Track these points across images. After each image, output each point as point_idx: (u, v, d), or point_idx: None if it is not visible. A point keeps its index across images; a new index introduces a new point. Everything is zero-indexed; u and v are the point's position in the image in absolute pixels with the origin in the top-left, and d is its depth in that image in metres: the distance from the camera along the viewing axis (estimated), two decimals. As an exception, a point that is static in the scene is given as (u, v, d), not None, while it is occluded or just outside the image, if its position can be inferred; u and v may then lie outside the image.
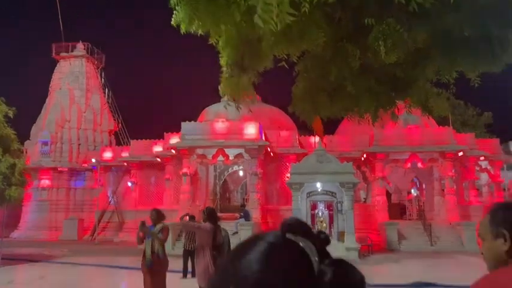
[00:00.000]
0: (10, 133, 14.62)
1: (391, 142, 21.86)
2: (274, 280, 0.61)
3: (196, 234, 6.22)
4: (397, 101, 4.02)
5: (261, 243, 0.66)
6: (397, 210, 23.98)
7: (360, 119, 4.26)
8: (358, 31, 3.53)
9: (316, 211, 17.98)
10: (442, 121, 24.08)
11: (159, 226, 6.75)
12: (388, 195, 26.38)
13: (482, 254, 1.57)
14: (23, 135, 24.46)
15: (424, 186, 25.75)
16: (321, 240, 0.69)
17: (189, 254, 11.13)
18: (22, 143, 17.78)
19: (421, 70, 3.73)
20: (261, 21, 2.48)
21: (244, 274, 0.62)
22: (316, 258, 0.65)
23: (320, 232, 0.71)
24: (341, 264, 0.65)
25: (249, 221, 19.33)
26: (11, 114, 14.68)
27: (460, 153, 22.10)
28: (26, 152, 26.57)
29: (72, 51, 32.25)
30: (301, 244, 0.67)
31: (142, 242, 6.77)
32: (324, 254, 0.67)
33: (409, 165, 22.48)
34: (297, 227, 0.69)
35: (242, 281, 0.62)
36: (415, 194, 26.95)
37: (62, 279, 11.34)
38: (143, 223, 6.89)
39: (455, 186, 21.92)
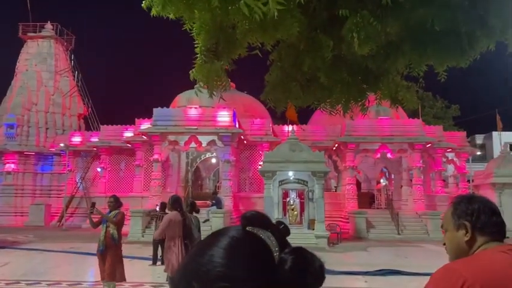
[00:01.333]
0: (-27, 115, 14.07)
1: (362, 133, 22.25)
2: (236, 272, 0.62)
3: (165, 226, 6.17)
4: (368, 93, 4.07)
5: (222, 238, 0.67)
6: (367, 199, 24.52)
7: (331, 110, 4.29)
8: (332, 22, 3.54)
9: (288, 199, 18.20)
10: (412, 113, 24.70)
11: (114, 212, 6.76)
12: (358, 184, 26.96)
13: (444, 244, 1.62)
14: (-13, 118, 23.55)
15: (392, 176, 26.40)
16: (281, 231, 0.71)
17: (159, 242, 11.07)
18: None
19: (392, 63, 3.77)
20: (247, 10, 2.44)
21: (207, 269, 0.63)
22: (277, 248, 0.66)
23: (279, 223, 0.73)
24: (300, 252, 0.67)
25: (221, 208, 19.36)
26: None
27: (428, 145, 22.73)
28: (-10, 135, 25.66)
29: (40, 31, 31.09)
30: (261, 236, 0.68)
31: (97, 226, 6.81)
32: (284, 244, 0.68)
33: (378, 155, 22.97)
34: (257, 219, 0.70)
35: (204, 277, 0.62)
36: (384, 184, 27.62)
37: (27, 266, 11.08)
38: (93, 204, 7.14)
39: (422, 177, 22.58)
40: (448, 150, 24.83)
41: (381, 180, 28.60)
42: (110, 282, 6.65)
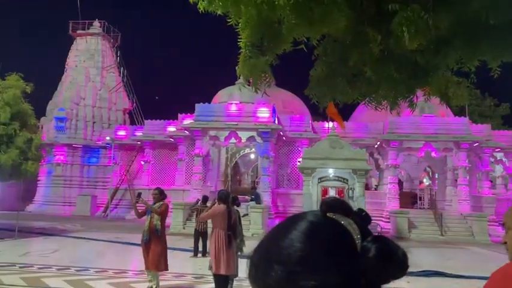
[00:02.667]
0: (27, 108, 14.82)
1: (405, 130, 21.67)
2: (317, 257, 0.62)
3: (211, 214, 6.33)
4: (417, 89, 3.97)
5: (302, 222, 0.67)
6: (408, 199, 23.89)
7: (377, 105, 4.22)
8: (380, 16, 3.47)
9: (327, 197, 18.01)
10: (459, 111, 23.78)
11: (158, 204, 6.94)
12: (400, 183, 26.30)
13: (505, 243, 1.57)
14: (39, 112, 24.79)
15: (436, 175, 25.57)
16: (362, 218, 0.69)
17: (200, 234, 11.30)
18: (38, 119, 18.05)
19: (443, 58, 3.66)
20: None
21: (288, 252, 0.63)
22: (359, 236, 0.65)
23: (360, 210, 0.72)
24: (384, 241, 0.65)
25: (259, 203, 19.45)
26: (28, 90, 14.86)
27: (475, 144, 21.83)
28: (42, 128, 26.97)
29: (88, 29, 32.33)
30: (342, 222, 0.67)
31: (141, 216, 6.99)
32: (365, 232, 0.67)
33: (422, 154, 22.30)
34: (338, 205, 0.69)
35: (286, 259, 0.62)
36: (427, 183, 26.80)
37: (75, 253, 11.62)
38: (139, 194, 7.26)
39: (468, 177, 21.73)
40: (496, 149, 23.77)
41: (424, 180, 27.77)
42: (154, 272, 6.86)
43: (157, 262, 6.81)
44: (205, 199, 11.94)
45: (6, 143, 13.43)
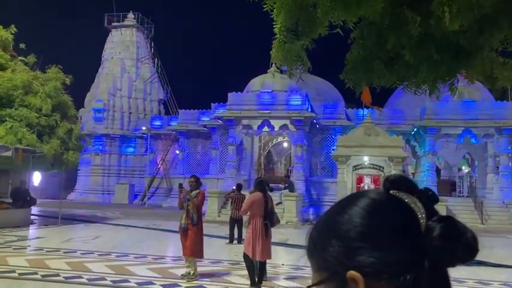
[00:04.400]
0: (67, 100, 15.33)
1: (443, 116, 21.00)
2: (377, 234, 0.60)
3: (248, 205, 6.38)
4: (459, 72, 3.81)
5: (363, 199, 0.65)
6: (447, 187, 23.24)
7: (416, 89, 4.09)
8: (419, -4, 3.36)
9: (362, 185, 17.77)
10: (500, 96, 22.78)
11: (194, 192, 7.03)
12: (438, 170, 25.58)
13: None
14: (78, 103, 25.59)
15: (476, 162, 24.71)
16: (429, 197, 0.66)
17: (235, 221, 11.42)
18: (77, 110, 18.65)
19: (487, 38, 3.50)
20: None
21: (347, 228, 0.62)
22: (424, 215, 0.62)
23: (427, 189, 0.68)
24: (451, 221, 0.61)
25: (293, 191, 19.43)
26: (67, 81, 15.35)
27: (519, 129, 20.90)
28: (81, 119, 27.87)
29: (123, 21, 32.94)
30: (406, 200, 0.64)
31: (182, 206, 7.10)
32: (431, 212, 0.63)
33: (461, 140, 21.58)
34: (402, 183, 0.66)
35: (344, 235, 0.61)
36: (467, 171, 25.96)
37: (115, 239, 12.01)
38: (181, 185, 7.37)
39: (510, 164, 20.88)
40: (542, 135, 22.64)
41: (463, 167, 26.90)
42: (191, 258, 7.00)
43: (193, 249, 6.95)
44: (239, 187, 12.04)
45: (49, 134, 13.96)
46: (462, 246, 0.60)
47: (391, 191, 0.66)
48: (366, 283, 0.58)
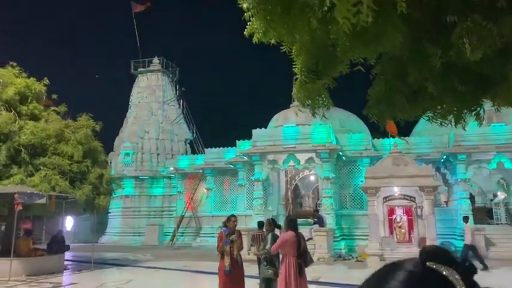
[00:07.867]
0: (98, 146, 15.77)
1: (473, 142, 20.49)
2: None
3: (280, 244, 6.32)
4: (484, 101, 3.77)
5: (400, 272, 0.63)
6: (483, 214, 22.35)
7: (442, 120, 4.04)
8: (438, 29, 3.38)
9: (394, 216, 17.29)
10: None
11: (236, 235, 6.96)
12: (472, 198, 24.71)
13: None
14: (108, 147, 26.29)
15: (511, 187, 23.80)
16: (466, 268, 0.64)
17: (259, 260, 11.19)
18: (107, 154, 19.14)
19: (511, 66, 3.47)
20: (340, 17, 2.41)
21: None
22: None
23: (465, 260, 0.67)
24: None
25: (323, 226, 19.08)
26: (97, 128, 15.85)
27: (555, 151, 20.13)
28: (111, 163, 28.52)
29: (148, 66, 34.19)
30: (444, 273, 0.62)
31: (222, 251, 6.96)
32: (470, 284, 0.62)
33: (494, 165, 20.91)
34: (438, 254, 0.65)
35: None
36: (503, 197, 24.98)
37: (147, 283, 11.99)
38: (224, 224, 7.22)
39: (550, 188, 20.01)
40: None
41: (499, 193, 25.90)
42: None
43: None
44: (260, 224, 11.77)
45: (80, 180, 14.32)
46: None
47: (427, 263, 0.65)
48: None
